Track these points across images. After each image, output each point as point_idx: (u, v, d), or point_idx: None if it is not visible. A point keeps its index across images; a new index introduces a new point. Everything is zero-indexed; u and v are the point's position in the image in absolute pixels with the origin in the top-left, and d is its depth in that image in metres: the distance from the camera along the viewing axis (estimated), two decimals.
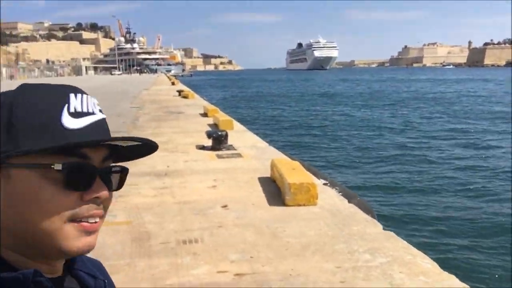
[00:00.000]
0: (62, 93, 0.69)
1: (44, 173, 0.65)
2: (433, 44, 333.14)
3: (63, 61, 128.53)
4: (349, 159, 13.75)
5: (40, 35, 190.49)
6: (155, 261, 3.52)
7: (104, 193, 0.69)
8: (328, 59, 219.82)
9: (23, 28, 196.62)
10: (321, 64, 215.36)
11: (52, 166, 0.64)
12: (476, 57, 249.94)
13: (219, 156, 7.61)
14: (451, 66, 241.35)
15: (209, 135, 8.34)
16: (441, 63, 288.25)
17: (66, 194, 0.66)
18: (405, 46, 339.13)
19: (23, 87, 0.70)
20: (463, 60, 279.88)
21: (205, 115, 14.18)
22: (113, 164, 0.74)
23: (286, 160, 6.03)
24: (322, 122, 23.55)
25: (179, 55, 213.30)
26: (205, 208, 4.80)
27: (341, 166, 12.77)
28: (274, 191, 5.39)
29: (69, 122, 0.66)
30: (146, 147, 0.76)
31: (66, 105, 0.67)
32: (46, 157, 0.65)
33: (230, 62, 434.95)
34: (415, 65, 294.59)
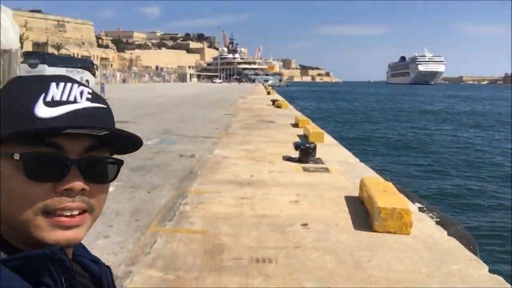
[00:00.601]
0: (43, 83, 0.67)
1: (15, 162, 0.63)
2: None
3: (171, 68, 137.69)
4: (451, 186, 12.46)
5: (152, 43, 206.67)
6: (225, 279, 3.30)
7: (77, 184, 0.64)
8: (434, 74, 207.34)
9: (138, 36, 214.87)
10: (425, 79, 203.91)
11: (13, 156, 0.63)
12: None
13: (305, 169, 7.26)
14: None
15: (296, 146, 8.04)
16: None
17: (36, 184, 0.63)
18: None
19: (15, 79, 0.70)
20: None
21: (296, 125, 13.92)
22: (97, 156, 0.68)
23: (377, 180, 5.49)
24: (424, 142, 21.92)
25: (277, 66, 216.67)
26: (284, 225, 4.49)
27: (441, 192, 11.59)
28: (362, 213, 4.91)
29: (41, 110, 0.63)
30: (133, 140, 0.71)
31: (43, 94, 0.65)
32: (19, 146, 0.63)
33: (327, 74, 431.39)
34: None
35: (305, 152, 7.93)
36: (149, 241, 4.01)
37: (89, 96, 0.68)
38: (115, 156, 0.73)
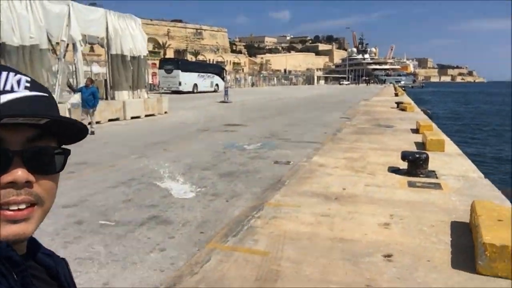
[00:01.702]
0: None
1: None
2: None
3: (299, 71, 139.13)
4: None
5: (282, 47, 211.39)
6: None
7: (21, 176, 0.62)
8: None
9: (269, 41, 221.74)
10: None
11: None
12: None
13: (411, 184, 6.26)
14: None
15: (404, 156, 7.02)
16: None
17: None
18: None
19: None
20: None
21: (416, 131, 12.52)
22: (40, 145, 0.65)
23: (493, 205, 4.35)
24: None
25: (411, 65, 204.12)
26: (361, 254, 3.77)
27: None
28: (468, 246, 3.91)
29: None
30: (76, 128, 0.68)
31: None
32: None
33: (470, 73, 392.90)
34: None
35: (414, 163, 6.89)
36: (203, 259, 3.67)
37: (28, 84, 0.65)
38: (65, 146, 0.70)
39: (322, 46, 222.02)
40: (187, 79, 38.53)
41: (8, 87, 0.63)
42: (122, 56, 16.16)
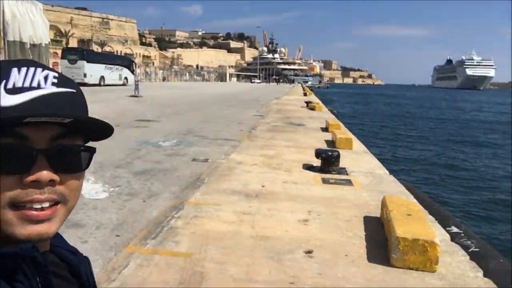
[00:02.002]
0: (5, 68, 0.63)
1: None
2: None
3: (211, 67, 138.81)
4: (499, 206, 11.26)
5: (193, 42, 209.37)
6: None
7: (44, 175, 0.61)
8: (483, 78, 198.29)
9: (181, 35, 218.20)
10: (474, 83, 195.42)
11: None
12: None
13: (324, 181, 6.52)
14: None
15: (317, 154, 7.29)
16: None
17: (1, 178, 0.60)
18: None
19: None
20: None
21: (326, 129, 13.12)
22: (65, 144, 0.64)
23: (401, 200, 4.68)
24: (468, 153, 20.46)
25: (318, 67, 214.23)
26: (283, 251, 3.81)
27: (482, 216, 10.42)
28: (381, 240, 4.14)
29: (1, 99, 0.60)
30: (102, 127, 0.67)
31: (4, 81, 0.61)
32: None
33: (370, 76, 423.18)
34: None
35: (327, 160, 7.18)
36: (120, 264, 3.44)
37: (55, 80, 0.64)
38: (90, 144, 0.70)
39: (234, 44, 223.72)
40: (93, 70, 36.33)
41: (35, 84, 0.62)
42: (20, 43, 14.75)
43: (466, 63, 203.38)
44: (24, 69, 0.63)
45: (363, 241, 4.13)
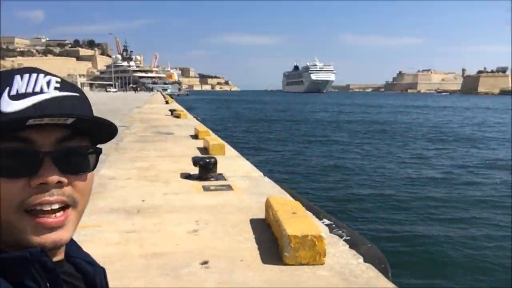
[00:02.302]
0: (8, 76, 0.64)
1: None
2: (427, 70, 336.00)
3: None
4: (354, 195, 12.62)
5: (37, 50, 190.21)
6: None
7: (52, 178, 0.62)
8: (325, 82, 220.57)
9: (20, 43, 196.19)
10: (318, 87, 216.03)
11: None
12: (470, 85, 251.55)
13: (205, 188, 6.51)
14: (447, 94, 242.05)
15: (195, 162, 7.26)
16: (435, 90, 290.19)
17: (9, 182, 0.60)
18: (400, 72, 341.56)
19: None
20: (456, 87, 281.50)
21: (195, 137, 13.14)
22: (70, 145, 0.66)
23: (284, 200, 4.94)
24: (322, 150, 22.50)
25: (175, 74, 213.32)
26: (179, 265, 3.69)
27: (344, 203, 11.60)
28: (269, 240, 4.30)
29: (5, 105, 0.61)
30: (107, 126, 0.69)
31: (8, 88, 0.63)
32: None
33: (226, 83, 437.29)
34: (409, 91, 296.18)
35: (205, 168, 7.19)
36: None
37: (57, 85, 0.66)
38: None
39: (83, 51, 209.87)
40: None
41: (37, 89, 0.63)
42: None
43: (310, 69, 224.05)
44: (26, 76, 0.64)
45: (254, 244, 4.23)
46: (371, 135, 28.47)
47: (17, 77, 0.64)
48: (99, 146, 0.71)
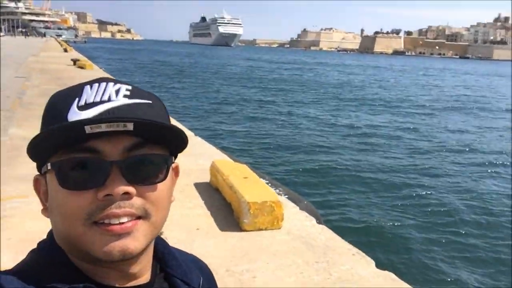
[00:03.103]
0: (78, 88, 0.64)
1: (53, 174, 0.61)
2: (329, 29, 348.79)
3: None
4: (271, 146, 12.86)
5: None
6: None
7: (118, 189, 0.59)
8: (233, 36, 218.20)
9: None
10: (226, 40, 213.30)
11: (47, 166, 0.61)
12: (367, 45, 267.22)
13: None
14: (348, 52, 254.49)
15: None
16: (335, 48, 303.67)
17: (76, 194, 0.59)
18: (304, 29, 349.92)
19: (53, 94, 0.66)
20: (355, 46, 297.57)
21: None
22: (139, 154, 0.62)
23: (231, 163, 4.82)
24: (234, 101, 22.44)
25: (71, 19, 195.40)
26: None
27: (264, 154, 11.77)
28: (221, 205, 4.20)
29: (73, 115, 0.60)
30: (175, 133, 0.64)
31: (77, 98, 0.62)
32: (62, 157, 0.60)
33: (128, 31, 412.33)
34: (312, 48, 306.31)
35: None
36: None
37: (127, 92, 0.63)
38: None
39: None
40: None
41: (105, 97, 0.61)
42: None
43: (218, 21, 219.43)
44: (96, 85, 0.63)
45: (206, 211, 4.10)
46: (284, 92, 29.04)
47: (87, 87, 0.63)
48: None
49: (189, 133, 7.48)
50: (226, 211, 4.05)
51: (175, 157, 0.70)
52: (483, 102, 28.43)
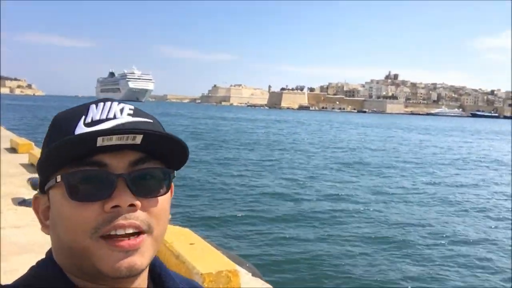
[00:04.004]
0: (83, 107, 0.66)
1: (60, 187, 0.62)
2: (239, 85, 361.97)
3: None
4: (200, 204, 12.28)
5: None
6: None
7: (124, 200, 0.61)
8: (144, 91, 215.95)
9: None
10: (136, 95, 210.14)
11: (56, 180, 0.62)
12: (275, 100, 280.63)
13: None
14: (264, 107, 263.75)
15: (35, 185, 5.94)
16: (245, 103, 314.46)
17: (83, 206, 0.60)
18: (215, 85, 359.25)
19: (61, 112, 0.69)
20: (263, 101, 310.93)
21: (13, 150, 11.04)
22: (144, 168, 0.64)
23: (171, 228, 4.31)
24: None
25: None
26: None
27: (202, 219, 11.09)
28: None
29: (82, 131, 0.62)
30: (179, 146, 0.66)
31: (84, 117, 0.64)
32: (67, 171, 0.61)
33: (29, 86, 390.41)
34: (223, 103, 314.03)
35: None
36: None
37: (131, 111, 0.66)
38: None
39: None
40: None
41: (111, 115, 0.64)
42: None
43: (128, 77, 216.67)
44: (101, 104, 0.65)
45: None
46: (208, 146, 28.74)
47: (93, 106, 0.65)
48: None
49: None
50: None
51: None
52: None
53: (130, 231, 0.60)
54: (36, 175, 5.60)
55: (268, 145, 31.25)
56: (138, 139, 0.61)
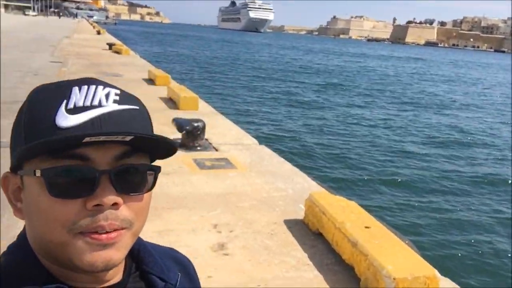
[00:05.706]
0: (66, 88, 0.60)
1: (39, 180, 0.58)
2: (360, 17, 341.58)
3: None
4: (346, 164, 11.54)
5: None
6: None
7: (108, 198, 0.58)
8: (264, 21, 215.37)
9: None
10: (256, 26, 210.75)
11: (35, 173, 0.58)
12: (399, 34, 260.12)
13: (200, 165, 5.08)
14: (385, 42, 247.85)
15: (180, 126, 5.70)
16: (365, 37, 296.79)
17: (64, 202, 0.57)
18: (334, 17, 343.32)
19: (37, 88, 0.63)
20: (385, 35, 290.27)
21: (151, 81, 11.27)
22: (129, 163, 0.60)
23: (335, 200, 3.65)
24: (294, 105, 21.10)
25: (102, 0, 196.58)
26: None
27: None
28: (331, 262, 3.09)
29: (62, 119, 0.58)
30: (165, 143, 0.62)
31: (65, 100, 0.59)
32: (44, 161, 0.58)
33: (157, 14, 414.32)
34: (341, 36, 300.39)
35: (191, 134, 5.70)
36: None
37: (117, 97, 0.61)
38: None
39: None
40: None
41: (95, 102, 0.59)
42: None
43: (249, 6, 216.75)
44: (85, 88, 0.60)
45: (316, 272, 2.99)
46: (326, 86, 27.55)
47: (75, 89, 0.59)
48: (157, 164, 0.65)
49: (250, 141, 6.38)
50: (344, 276, 2.94)
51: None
52: None
53: (110, 230, 0.58)
54: (181, 116, 5.20)
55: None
56: (128, 137, 0.57)
